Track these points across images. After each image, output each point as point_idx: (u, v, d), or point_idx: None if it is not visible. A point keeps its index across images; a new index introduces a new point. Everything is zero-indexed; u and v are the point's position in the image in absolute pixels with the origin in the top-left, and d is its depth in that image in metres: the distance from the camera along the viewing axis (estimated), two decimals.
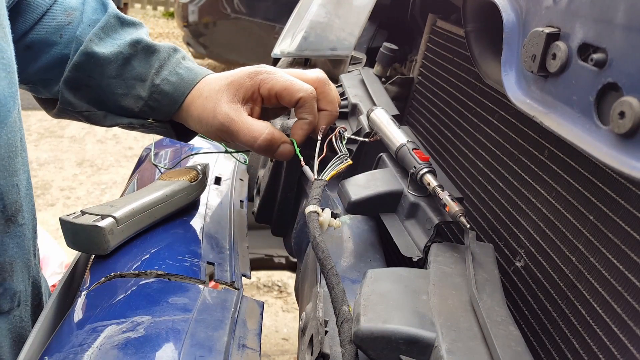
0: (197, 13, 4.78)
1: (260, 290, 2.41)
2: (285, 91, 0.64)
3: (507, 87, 0.47)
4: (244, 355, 0.49)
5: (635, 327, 0.38)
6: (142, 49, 0.71)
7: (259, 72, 0.65)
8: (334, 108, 0.68)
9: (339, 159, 0.62)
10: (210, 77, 0.70)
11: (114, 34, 0.71)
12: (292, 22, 1.14)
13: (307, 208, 0.54)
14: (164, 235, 0.64)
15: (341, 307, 0.42)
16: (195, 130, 0.70)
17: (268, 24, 4.52)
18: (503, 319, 0.42)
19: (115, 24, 0.72)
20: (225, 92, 0.65)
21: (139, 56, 0.70)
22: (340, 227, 0.57)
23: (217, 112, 0.65)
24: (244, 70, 0.66)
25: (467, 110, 0.73)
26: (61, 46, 0.70)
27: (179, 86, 0.69)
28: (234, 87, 0.65)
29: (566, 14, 0.41)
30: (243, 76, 0.65)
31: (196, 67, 0.72)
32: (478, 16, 0.61)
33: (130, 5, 8.22)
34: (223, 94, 0.65)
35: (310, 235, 0.50)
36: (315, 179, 0.59)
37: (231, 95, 0.65)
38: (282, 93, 0.64)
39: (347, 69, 1.03)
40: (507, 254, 0.58)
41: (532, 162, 0.56)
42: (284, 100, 0.65)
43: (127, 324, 0.48)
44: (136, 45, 0.70)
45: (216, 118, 0.65)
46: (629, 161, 0.33)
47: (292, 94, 0.64)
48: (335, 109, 0.68)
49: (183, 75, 0.70)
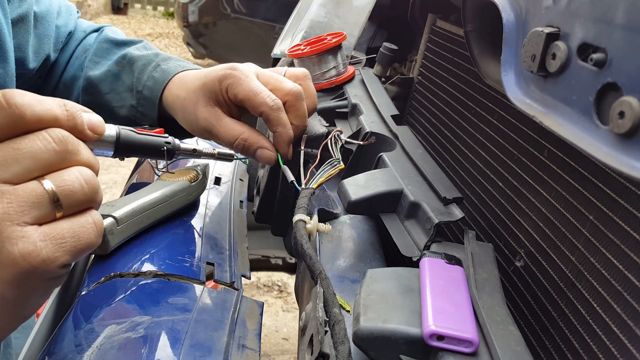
0: (197, 13, 4.78)
1: (260, 290, 2.41)
2: (249, 102, 0.62)
3: (506, 87, 0.47)
4: (243, 355, 0.49)
5: (635, 327, 0.38)
6: (128, 63, 0.77)
7: (227, 76, 0.63)
8: (302, 123, 0.65)
9: (330, 164, 0.61)
10: (184, 74, 0.72)
11: (107, 55, 0.80)
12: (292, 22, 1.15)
13: (294, 217, 0.54)
14: (163, 236, 0.64)
15: (332, 309, 0.42)
16: (190, 132, 0.70)
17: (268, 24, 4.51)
18: (503, 318, 0.42)
19: (108, 47, 0.81)
20: (201, 94, 0.65)
21: (126, 69, 0.77)
22: (330, 231, 0.57)
23: (197, 115, 0.65)
24: (216, 72, 0.65)
25: (467, 110, 0.73)
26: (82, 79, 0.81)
27: (153, 89, 0.73)
28: (207, 89, 0.65)
29: (566, 14, 0.41)
30: (214, 79, 0.64)
31: (170, 68, 0.74)
32: (478, 16, 0.61)
33: (130, 5, 8.23)
34: (199, 96, 0.65)
35: (298, 244, 0.50)
36: (302, 187, 0.59)
37: (206, 98, 0.65)
38: (245, 102, 0.62)
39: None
40: (507, 253, 0.58)
41: (532, 162, 0.56)
42: (249, 109, 0.63)
43: (127, 324, 0.48)
44: (122, 60, 0.78)
45: (198, 122, 0.65)
46: (628, 161, 0.33)
47: (254, 106, 0.62)
48: (304, 124, 0.66)
49: (157, 78, 0.74)
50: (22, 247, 0.34)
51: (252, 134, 0.64)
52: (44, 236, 0.35)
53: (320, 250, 0.58)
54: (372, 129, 0.70)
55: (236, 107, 0.66)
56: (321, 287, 0.45)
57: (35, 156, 0.36)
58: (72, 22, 0.86)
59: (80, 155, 0.39)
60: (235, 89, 0.62)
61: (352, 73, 0.91)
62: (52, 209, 0.36)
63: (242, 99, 0.62)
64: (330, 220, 0.63)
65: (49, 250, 0.35)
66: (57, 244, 0.36)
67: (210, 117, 0.64)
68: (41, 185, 0.36)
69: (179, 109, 0.69)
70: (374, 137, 0.70)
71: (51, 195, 0.36)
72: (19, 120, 0.36)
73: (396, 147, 0.67)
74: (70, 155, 0.38)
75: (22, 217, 0.35)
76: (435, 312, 0.40)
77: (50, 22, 0.81)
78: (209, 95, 0.65)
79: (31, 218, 0.35)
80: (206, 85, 0.65)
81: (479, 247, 0.52)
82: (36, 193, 0.35)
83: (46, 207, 0.36)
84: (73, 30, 0.86)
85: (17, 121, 0.36)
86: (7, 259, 0.34)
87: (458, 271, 0.46)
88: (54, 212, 0.36)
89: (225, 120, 0.64)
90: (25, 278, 0.35)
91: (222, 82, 0.63)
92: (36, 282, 0.36)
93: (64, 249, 0.36)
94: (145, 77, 0.74)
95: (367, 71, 0.94)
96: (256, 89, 0.62)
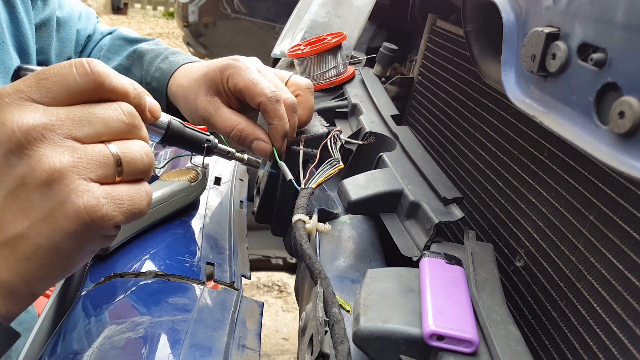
0: (197, 13, 4.77)
1: (260, 290, 2.41)
2: (247, 91, 0.63)
3: (506, 87, 0.47)
4: (243, 355, 0.49)
5: (635, 327, 0.38)
6: (138, 57, 0.80)
7: (229, 66, 0.64)
8: (290, 134, 0.66)
9: (329, 164, 0.62)
10: (189, 66, 0.74)
11: (119, 51, 0.83)
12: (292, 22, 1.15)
13: (293, 217, 0.54)
14: (163, 236, 0.64)
15: (331, 309, 0.42)
16: (190, 121, 0.71)
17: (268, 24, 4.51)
18: (503, 318, 0.42)
19: (121, 43, 0.84)
20: (202, 83, 0.67)
21: (136, 63, 0.79)
22: (329, 231, 0.57)
23: (197, 104, 0.66)
24: (218, 62, 0.66)
25: (467, 110, 0.73)
26: None
27: (160, 80, 0.75)
28: (208, 78, 0.66)
29: (566, 14, 0.41)
30: (216, 69, 0.66)
31: (177, 59, 0.76)
32: (478, 16, 0.61)
33: (130, 5, 8.22)
34: (200, 85, 0.67)
35: (297, 244, 0.50)
36: (301, 187, 0.59)
37: (207, 87, 0.66)
38: (244, 92, 0.63)
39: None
40: (507, 253, 0.58)
41: (531, 162, 0.56)
42: (247, 99, 0.64)
43: (127, 324, 0.48)
44: (133, 55, 0.81)
45: (198, 111, 0.66)
46: (628, 161, 0.33)
47: (252, 95, 0.62)
48: (292, 136, 0.67)
49: (164, 69, 0.75)
50: (86, 200, 0.36)
51: (249, 125, 0.64)
52: (106, 194, 0.38)
53: (320, 250, 0.58)
54: (372, 129, 0.70)
55: (236, 99, 0.66)
56: (321, 287, 0.45)
57: (107, 122, 0.39)
58: (91, 26, 0.90)
59: (142, 131, 0.42)
60: (235, 78, 0.63)
61: (352, 73, 0.91)
62: (114, 172, 0.39)
63: (241, 89, 0.63)
64: (330, 220, 0.63)
65: (108, 208, 0.37)
66: (115, 204, 0.38)
67: (209, 106, 0.65)
68: (108, 148, 0.38)
69: (182, 98, 0.71)
70: (373, 137, 0.70)
71: (116, 158, 0.39)
72: (98, 87, 0.39)
73: (396, 147, 0.67)
74: (135, 129, 0.41)
75: (89, 173, 0.37)
76: (435, 312, 0.40)
77: (72, 26, 0.84)
78: (210, 85, 0.66)
79: (96, 176, 0.37)
80: (208, 75, 0.66)
81: (479, 247, 0.52)
82: (103, 154, 0.38)
83: (110, 169, 0.38)
84: (92, 33, 0.90)
85: (96, 88, 0.39)
86: (71, 210, 0.36)
87: (458, 271, 0.46)
88: (115, 175, 0.39)
89: (223, 110, 0.65)
90: (84, 231, 0.37)
91: (224, 71, 0.65)
92: (90, 237, 0.38)
93: (120, 209, 0.38)
94: (153, 68, 0.76)
95: (367, 71, 0.94)
96: (256, 80, 0.63)
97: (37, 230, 0.36)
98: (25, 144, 0.35)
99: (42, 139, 0.36)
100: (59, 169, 0.36)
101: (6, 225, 0.36)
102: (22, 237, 0.36)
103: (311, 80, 0.86)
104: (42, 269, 0.37)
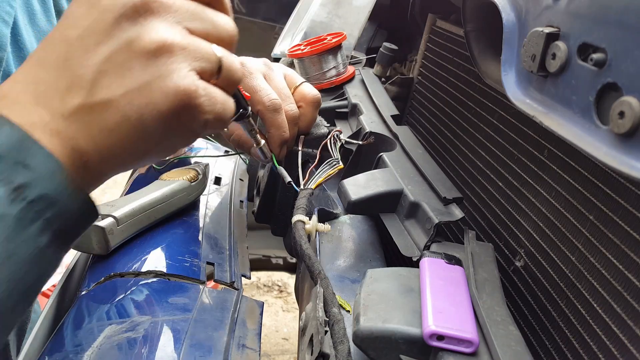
0: None
1: (260, 290, 2.41)
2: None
3: (506, 87, 0.47)
4: (243, 355, 0.49)
5: (635, 327, 0.38)
6: None
7: None
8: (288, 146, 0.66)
9: (329, 164, 0.62)
10: None
11: None
12: (292, 22, 1.14)
13: (292, 218, 0.54)
14: (163, 236, 0.64)
15: (331, 309, 0.42)
16: None
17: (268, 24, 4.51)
18: (503, 318, 0.42)
19: None
20: None
21: None
22: (329, 231, 0.57)
23: None
24: None
25: (467, 110, 0.73)
26: None
27: None
28: None
29: (566, 14, 0.41)
30: None
31: None
32: (478, 16, 0.61)
33: None
34: None
35: (297, 244, 0.50)
36: (301, 188, 0.59)
37: None
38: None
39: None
40: (507, 253, 0.58)
41: (532, 162, 0.56)
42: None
43: (127, 324, 0.48)
44: None
45: None
46: (628, 161, 0.33)
47: (251, 103, 0.61)
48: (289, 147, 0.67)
49: None
50: (187, 83, 0.36)
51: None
52: (205, 87, 0.37)
53: (320, 250, 0.58)
54: (372, 129, 0.70)
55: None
56: (321, 287, 0.45)
57: (216, 26, 0.39)
58: None
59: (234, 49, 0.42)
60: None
61: (352, 73, 0.91)
62: (214, 72, 0.38)
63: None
64: (330, 220, 0.63)
65: (204, 99, 0.37)
66: (210, 100, 0.37)
67: None
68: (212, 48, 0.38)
69: None
70: (373, 137, 0.70)
71: (218, 59, 0.38)
72: None
73: (396, 147, 0.67)
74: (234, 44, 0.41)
75: (194, 62, 0.36)
76: (435, 312, 0.40)
77: None
78: None
79: (199, 67, 0.37)
80: None
81: (479, 247, 0.52)
82: (209, 50, 0.38)
83: (212, 66, 0.38)
84: None
85: None
86: (171, 87, 0.35)
87: (458, 271, 0.46)
88: (214, 75, 0.38)
89: None
90: (175, 115, 0.36)
91: None
92: (177, 125, 0.36)
93: (212, 107, 0.37)
94: None
95: (367, 71, 0.94)
96: (256, 87, 0.62)
97: (129, 99, 0.34)
98: (141, 12, 0.35)
99: (158, 14, 0.35)
100: (170, 44, 0.35)
101: (99, 88, 0.34)
102: (111, 104, 0.34)
103: (311, 80, 0.86)
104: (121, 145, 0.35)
